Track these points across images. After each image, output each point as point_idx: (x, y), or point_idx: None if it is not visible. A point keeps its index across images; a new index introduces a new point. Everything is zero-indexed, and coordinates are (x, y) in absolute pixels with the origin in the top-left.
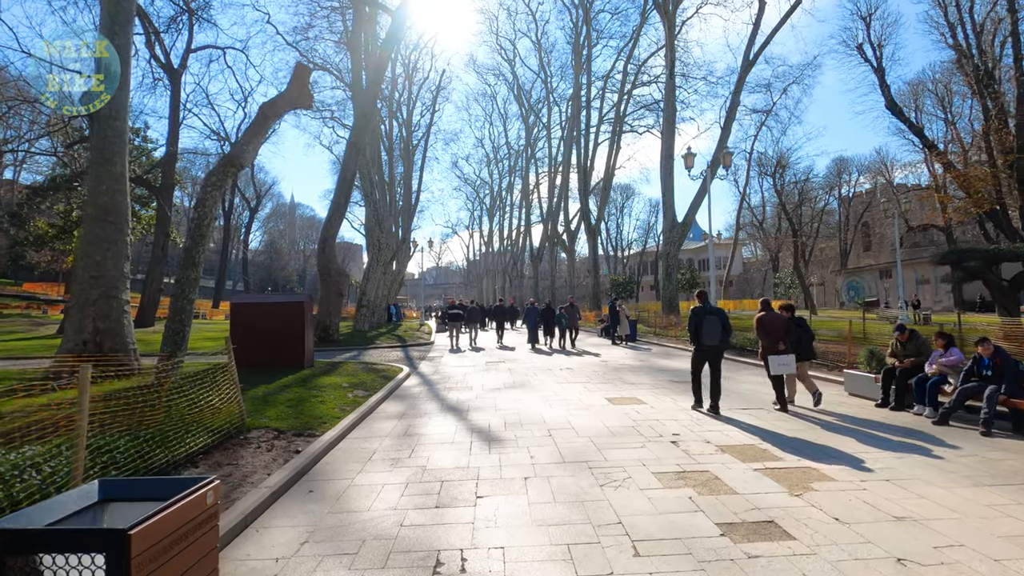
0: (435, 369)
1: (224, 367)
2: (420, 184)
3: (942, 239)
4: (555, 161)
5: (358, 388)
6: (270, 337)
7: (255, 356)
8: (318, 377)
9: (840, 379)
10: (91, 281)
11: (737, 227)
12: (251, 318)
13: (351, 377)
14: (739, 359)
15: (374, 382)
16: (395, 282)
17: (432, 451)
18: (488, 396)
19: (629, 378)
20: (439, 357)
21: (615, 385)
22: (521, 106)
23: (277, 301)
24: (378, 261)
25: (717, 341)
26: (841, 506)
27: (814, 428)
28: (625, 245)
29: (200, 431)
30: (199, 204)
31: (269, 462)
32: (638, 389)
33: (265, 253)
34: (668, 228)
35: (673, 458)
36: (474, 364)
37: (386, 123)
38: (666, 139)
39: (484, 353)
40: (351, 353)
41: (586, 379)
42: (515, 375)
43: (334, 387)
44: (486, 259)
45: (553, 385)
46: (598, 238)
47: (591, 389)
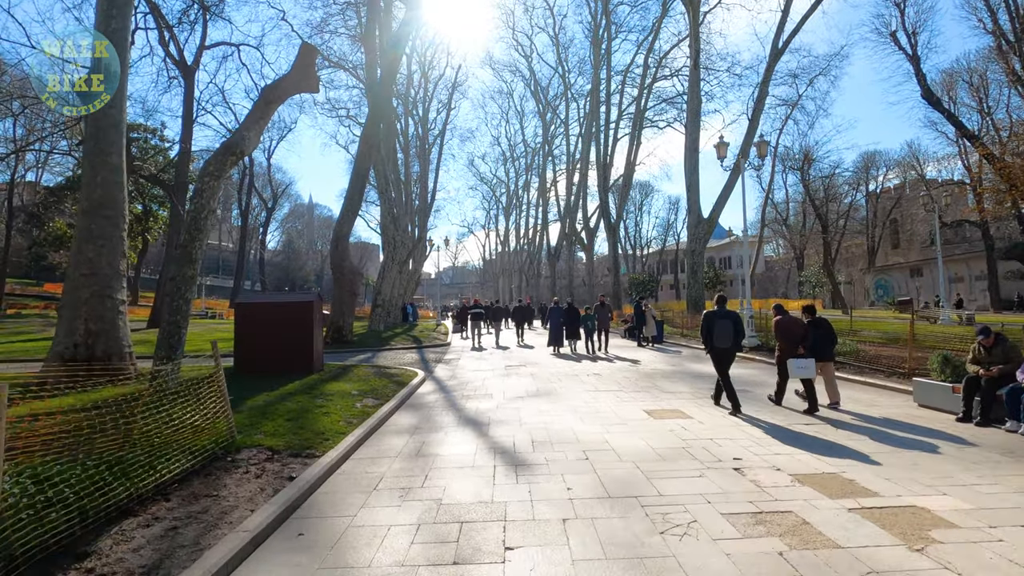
0: (452, 373)
1: (211, 377)
2: (436, 182)
3: (975, 236)
4: (573, 158)
5: (368, 396)
6: (276, 340)
7: (260, 360)
8: (326, 383)
9: (901, 387)
10: (83, 279)
11: (762, 224)
12: (255, 320)
13: (361, 383)
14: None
15: (386, 388)
16: (411, 281)
17: (449, 478)
18: (511, 407)
19: (665, 386)
20: (456, 359)
21: (651, 394)
22: (538, 102)
23: (283, 301)
24: (393, 260)
25: (729, 344)
26: (984, 569)
27: (897, 451)
28: (644, 243)
29: (178, 453)
30: (196, 196)
31: (256, 492)
32: (678, 399)
33: (283, 253)
34: (693, 224)
35: (742, 492)
36: (493, 368)
37: (402, 121)
38: (691, 132)
39: (504, 354)
40: (364, 355)
41: (618, 387)
42: (539, 381)
43: (342, 395)
44: (502, 258)
45: (582, 394)
46: (618, 236)
47: (625, 399)
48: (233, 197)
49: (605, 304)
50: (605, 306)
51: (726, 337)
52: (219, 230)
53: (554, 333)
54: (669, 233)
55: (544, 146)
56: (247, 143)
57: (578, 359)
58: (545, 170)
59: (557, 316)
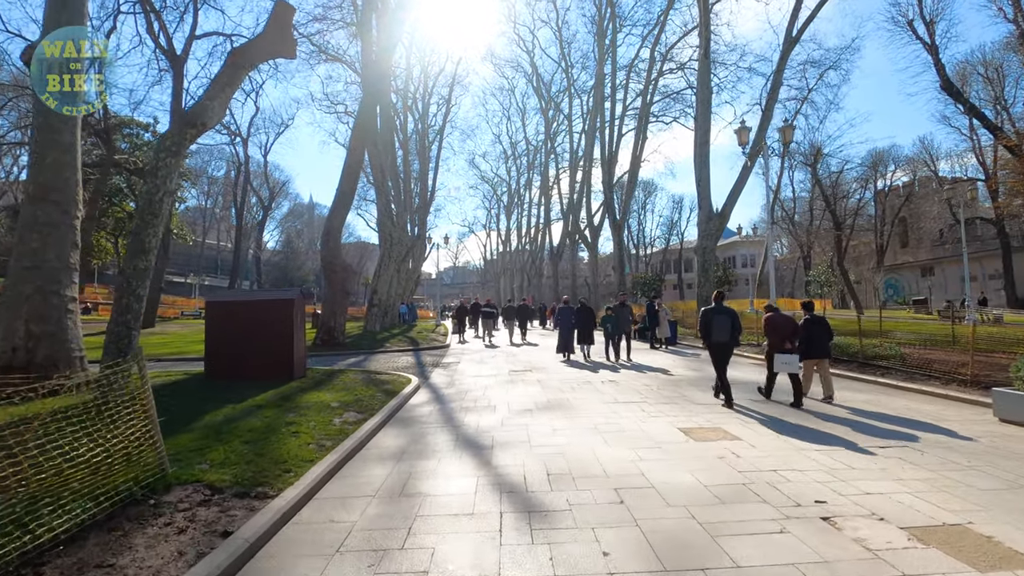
0: (450, 380)
1: (137, 396)
2: (436, 179)
3: (987, 234)
4: (576, 155)
5: (350, 409)
6: (251, 342)
7: (233, 365)
8: (305, 393)
9: (968, 397)
10: (25, 273)
11: (771, 221)
12: (229, 320)
13: (345, 393)
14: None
15: (372, 400)
16: (410, 281)
17: (439, 533)
18: (517, 423)
19: (695, 395)
20: (455, 363)
21: (681, 407)
22: (540, 98)
23: (260, 299)
24: (390, 257)
25: (727, 338)
26: None
27: (1015, 487)
28: (648, 243)
29: (71, 501)
30: (150, 175)
31: (173, 558)
32: (714, 413)
33: (282, 253)
34: (704, 220)
35: (850, 561)
36: (495, 374)
37: (400, 116)
38: (701, 124)
39: (508, 357)
40: (355, 358)
41: (640, 397)
42: (548, 391)
43: (320, 408)
44: (503, 258)
45: (599, 406)
46: (623, 233)
47: (652, 413)
48: (229, 195)
49: (626, 304)
50: (626, 306)
51: (724, 331)
52: (217, 229)
53: (564, 338)
54: (673, 232)
55: (546, 143)
56: (209, 114)
57: (594, 367)
58: (547, 168)
59: (568, 318)
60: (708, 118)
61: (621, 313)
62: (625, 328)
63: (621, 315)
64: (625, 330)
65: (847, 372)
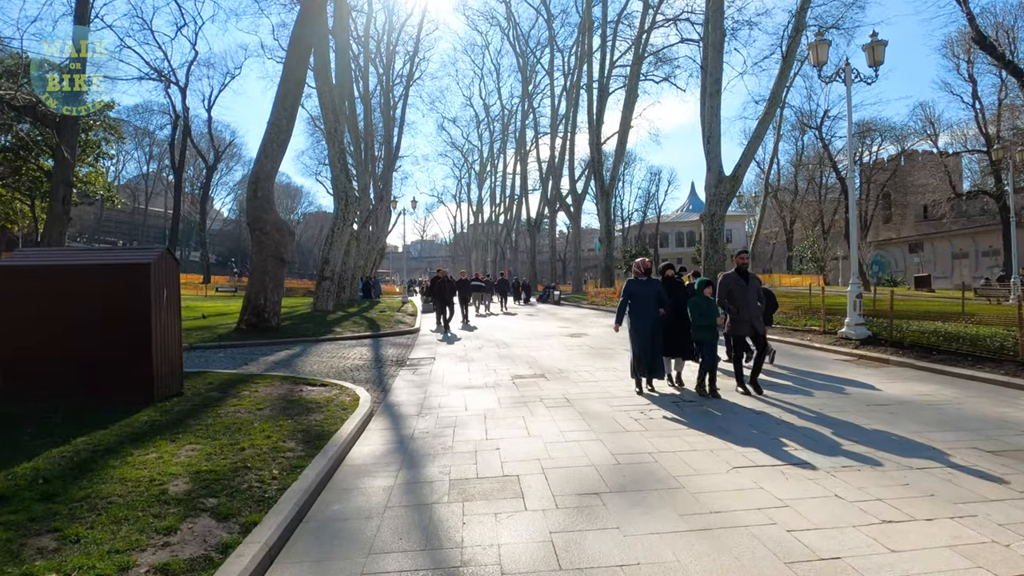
0: (422, 398)
1: None
2: (401, 135)
3: (972, 210)
4: (557, 114)
5: (203, 510)
6: (69, 336)
7: (32, 373)
8: (140, 445)
9: None
10: None
11: (765, 192)
12: (30, 299)
13: (224, 441)
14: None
15: (267, 460)
16: (373, 252)
17: None
18: (590, 550)
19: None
20: (428, 361)
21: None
22: (517, 55)
23: (86, 263)
24: (345, 220)
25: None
26: None
27: None
28: (626, 216)
29: None
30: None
31: None
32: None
33: (235, 222)
34: (713, 184)
35: None
36: (493, 383)
37: (360, 64)
38: (712, 71)
39: (498, 348)
40: (288, 351)
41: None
42: (594, 422)
43: (133, 504)
44: (474, 230)
45: (730, 478)
46: (611, 200)
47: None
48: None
49: (674, 280)
50: (675, 282)
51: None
52: (165, 196)
53: (645, 348)
54: (649, 205)
55: (523, 102)
56: None
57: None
58: (524, 132)
59: (651, 306)
60: (720, 64)
61: (672, 288)
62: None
63: (748, 293)
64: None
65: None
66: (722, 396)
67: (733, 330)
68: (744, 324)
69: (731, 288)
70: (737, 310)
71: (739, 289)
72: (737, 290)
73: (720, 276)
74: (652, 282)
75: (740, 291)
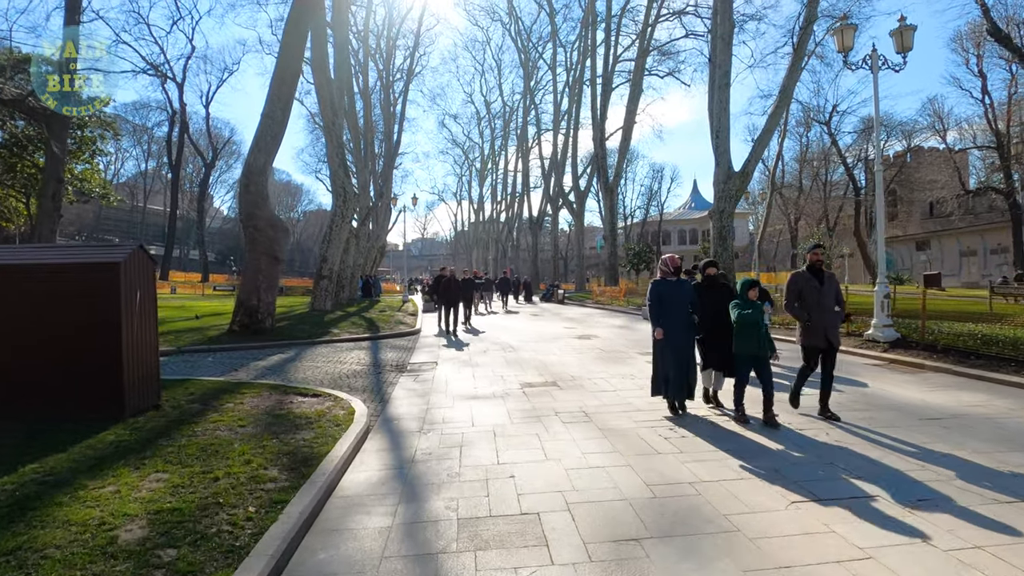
0: (423, 410)
1: None
2: (401, 129)
3: (979, 207)
4: (560, 109)
5: (164, 544)
6: (28, 345)
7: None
8: (98, 473)
9: None
10: None
11: (771, 188)
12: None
13: (195, 468)
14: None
15: (243, 493)
16: (373, 249)
17: None
18: None
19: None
20: (430, 366)
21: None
22: (519, 50)
23: (48, 262)
24: (344, 217)
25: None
26: None
27: None
28: (628, 213)
29: None
30: None
31: None
32: None
33: (235, 221)
34: (722, 180)
35: None
36: (501, 394)
37: (360, 59)
38: (721, 63)
39: (504, 352)
40: (281, 355)
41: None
42: (618, 442)
43: (77, 546)
44: (475, 228)
45: (791, 517)
46: (616, 197)
47: None
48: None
49: (829, 274)
50: (759, 289)
51: None
52: (164, 194)
53: (678, 360)
54: (651, 203)
55: (525, 98)
56: None
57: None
58: (526, 128)
59: (681, 311)
60: (729, 56)
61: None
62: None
63: (824, 296)
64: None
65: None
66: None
67: (804, 339)
68: (818, 333)
69: (802, 290)
70: (809, 316)
71: (812, 291)
72: (810, 292)
73: (789, 275)
74: (683, 283)
75: (813, 293)
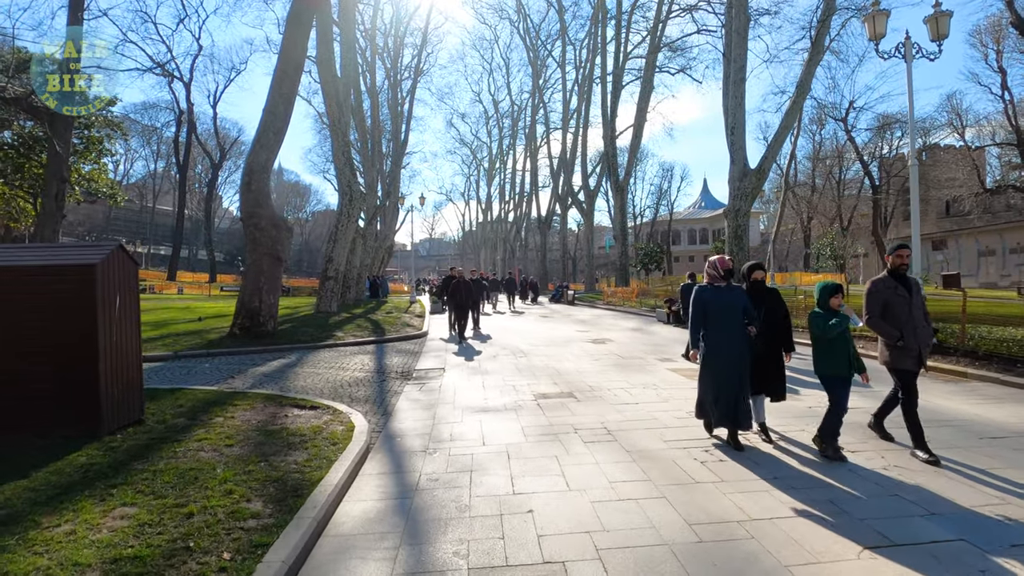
0: (429, 424)
1: None
2: (408, 126)
3: (997, 206)
4: (569, 108)
5: None
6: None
7: None
8: (55, 503)
9: None
10: None
11: (785, 187)
12: None
13: (166, 499)
14: None
15: (219, 534)
16: (380, 249)
17: None
18: None
19: None
20: (437, 373)
21: None
22: (528, 48)
23: (8, 264)
24: (350, 217)
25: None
26: None
27: None
28: (638, 212)
29: None
30: None
31: None
32: None
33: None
34: (737, 177)
35: None
36: (514, 406)
37: (368, 57)
38: (736, 57)
39: (515, 357)
40: (281, 360)
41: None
42: (655, 474)
43: None
44: (483, 228)
45: (868, 570)
46: (626, 196)
47: None
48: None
49: (915, 280)
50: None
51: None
52: (173, 194)
53: (725, 383)
54: (661, 202)
55: (534, 96)
56: None
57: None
58: (535, 127)
59: (733, 322)
60: (744, 50)
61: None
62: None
63: (914, 307)
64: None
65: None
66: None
67: (895, 362)
68: (910, 355)
69: (887, 301)
70: (900, 334)
71: (900, 302)
72: (898, 303)
73: (868, 283)
74: (735, 290)
75: (902, 305)
